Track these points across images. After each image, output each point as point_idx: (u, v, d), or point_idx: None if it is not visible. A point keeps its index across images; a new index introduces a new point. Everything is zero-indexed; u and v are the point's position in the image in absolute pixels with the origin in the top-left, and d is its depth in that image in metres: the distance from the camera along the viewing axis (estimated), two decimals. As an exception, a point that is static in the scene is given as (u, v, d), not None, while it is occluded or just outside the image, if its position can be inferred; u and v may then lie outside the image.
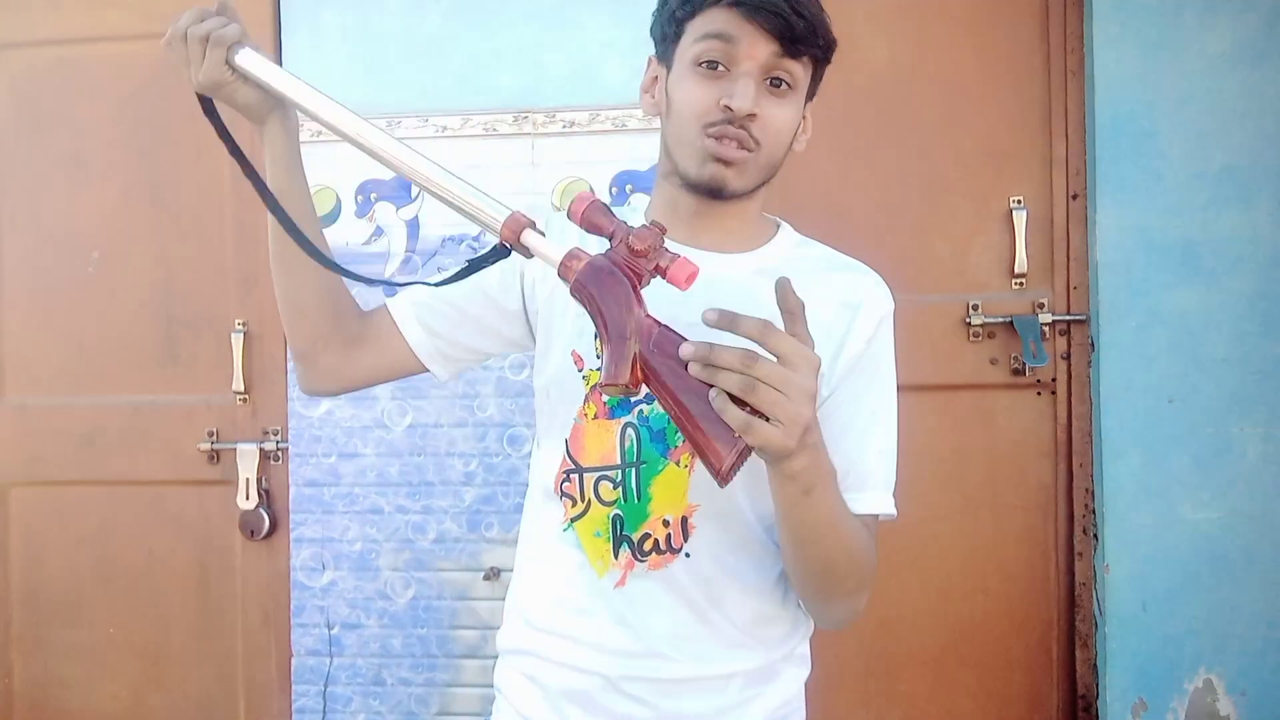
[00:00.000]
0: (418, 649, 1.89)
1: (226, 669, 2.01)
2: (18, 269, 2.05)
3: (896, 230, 1.89)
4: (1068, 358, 1.87)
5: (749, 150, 0.92)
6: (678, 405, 0.76)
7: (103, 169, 2.02)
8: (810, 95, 0.99)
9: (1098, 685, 1.84)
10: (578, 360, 0.97)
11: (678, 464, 0.94)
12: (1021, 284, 1.87)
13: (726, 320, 0.74)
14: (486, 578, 1.87)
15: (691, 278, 0.77)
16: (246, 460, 1.95)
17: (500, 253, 0.87)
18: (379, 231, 1.90)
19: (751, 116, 0.90)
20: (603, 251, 0.80)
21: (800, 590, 0.95)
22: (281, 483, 1.96)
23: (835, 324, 0.94)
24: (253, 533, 1.95)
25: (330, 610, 1.90)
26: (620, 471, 0.95)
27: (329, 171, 1.90)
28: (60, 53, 2.02)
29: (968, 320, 1.86)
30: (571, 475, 0.98)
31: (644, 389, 0.78)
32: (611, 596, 0.96)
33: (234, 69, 0.91)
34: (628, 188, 1.83)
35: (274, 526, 1.96)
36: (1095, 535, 1.84)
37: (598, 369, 0.95)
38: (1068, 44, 1.86)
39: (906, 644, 1.89)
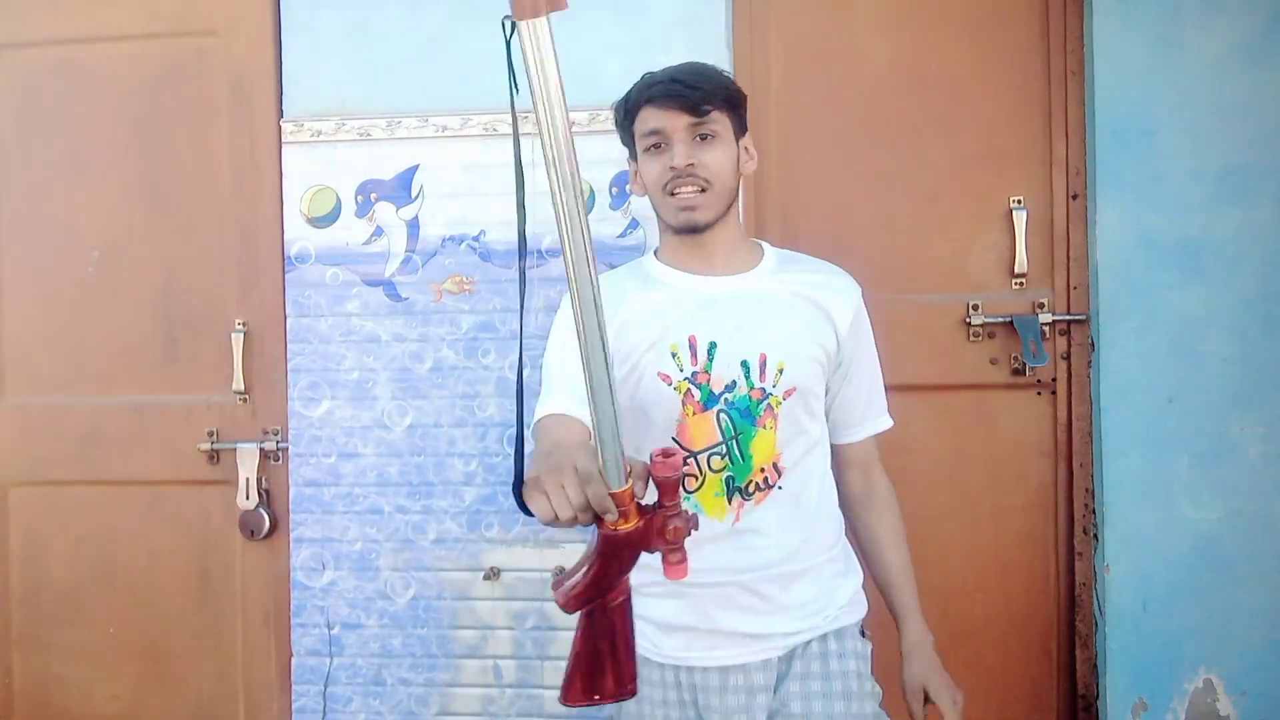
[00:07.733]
0: (418, 649, 1.89)
1: (226, 669, 2.01)
2: (18, 269, 2.05)
3: (896, 230, 1.89)
4: (1068, 358, 1.87)
5: (703, 191, 1.27)
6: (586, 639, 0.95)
7: (103, 169, 2.02)
8: (742, 130, 1.32)
9: (1098, 685, 1.84)
10: (665, 379, 1.26)
11: (764, 428, 1.26)
12: (1021, 284, 1.87)
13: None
14: (486, 578, 1.87)
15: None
16: (246, 460, 1.95)
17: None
18: (379, 231, 1.90)
19: (690, 166, 1.25)
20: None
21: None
22: (281, 483, 1.96)
23: (830, 315, 1.31)
24: (253, 533, 1.95)
25: (330, 610, 1.91)
26: (725, 445, 1.25)
27: (329, 171, 1.91)
28: (60, 53, 2.02)
29: (968, 320, 1.86)
30: (687, 459, 1.26)
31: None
32: (732, 530, 1.27)
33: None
34: (628, 188, 1.83)
35: (274, 526, 1.97)
36: (1095, 535, 1.84)
37: (686, 378, 1.25)
38: (1068, 44, 1.86)
39: (906, 644, 1.89)
